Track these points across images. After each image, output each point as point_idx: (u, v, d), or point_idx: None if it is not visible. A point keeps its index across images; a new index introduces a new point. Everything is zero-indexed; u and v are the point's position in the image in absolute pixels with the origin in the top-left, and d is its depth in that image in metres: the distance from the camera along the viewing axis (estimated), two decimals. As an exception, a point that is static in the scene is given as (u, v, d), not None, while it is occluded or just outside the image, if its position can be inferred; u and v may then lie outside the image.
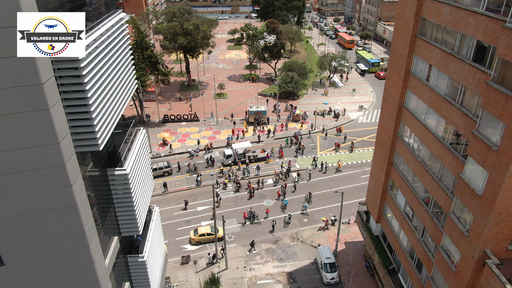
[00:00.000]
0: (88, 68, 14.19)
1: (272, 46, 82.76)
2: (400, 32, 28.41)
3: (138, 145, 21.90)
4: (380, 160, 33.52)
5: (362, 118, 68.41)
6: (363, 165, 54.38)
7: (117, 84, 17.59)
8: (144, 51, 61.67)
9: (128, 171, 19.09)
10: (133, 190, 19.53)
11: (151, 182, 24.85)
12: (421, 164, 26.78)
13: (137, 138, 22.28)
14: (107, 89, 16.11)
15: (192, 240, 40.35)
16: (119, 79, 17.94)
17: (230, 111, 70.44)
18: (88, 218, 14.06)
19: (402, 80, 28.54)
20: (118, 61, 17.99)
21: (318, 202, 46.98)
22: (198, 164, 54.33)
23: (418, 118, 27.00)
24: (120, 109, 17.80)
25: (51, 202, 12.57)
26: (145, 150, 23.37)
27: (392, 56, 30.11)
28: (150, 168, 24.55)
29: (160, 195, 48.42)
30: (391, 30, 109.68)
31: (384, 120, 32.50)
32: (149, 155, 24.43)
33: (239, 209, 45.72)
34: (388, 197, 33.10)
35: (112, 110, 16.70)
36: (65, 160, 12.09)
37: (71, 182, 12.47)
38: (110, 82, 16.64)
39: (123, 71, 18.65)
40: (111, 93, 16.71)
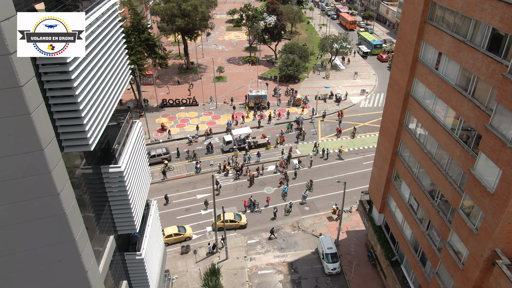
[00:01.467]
0: (76, 63, 13.08)
1: (272, 28, 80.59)
2: (408, 17, 26.99)
3: (134, 138, 20.91)
4: (384, 149, 32.59)
5: (364, 103, 67.12)
6: (365, 151, 53.51)
7: (109, 77, 16.45)
8: (141, 33, 59.83)
9: (123, 169, 18.17)
10: (128, 188, 18.65)
11: (148, 176, 24.00)
12: (428, 156, 25.86)
13: (132, 131, 21.28)
14: (97, 84, 15.00)
15: None
16: (111, 71, 16.77)
17: (230, 95, 69.06)
18: (79, 226, 13.19)
19: (409, 68, 27.30)
20: (110, 52, 16.79)
21: (319, 190, 46.31)
22: (198, 150, 53.42)
23: (426, 108, 25.91)
24: (112, 104, 16.71)
25: (38, 212, 11.67)
26: (141, 143, 22.41)
27: (399, 42, 28.74)
28: (147, 162, 23.66)
29: (159, 183, 47.69)
30: (394, 10, 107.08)
31: (389, 108, 31.40)
32: (145, 148, 23.41)
33: (239, 197, 45.08)
34: (392, 188, 32.33)
35: (104, 107, 15.62)
36: (50, 167, 11.12)
37: (58, 190, 11.53)
38: (101, 76, 15.51)
39: (115, 62, 17.46)
40: (103, 88, 15.59)
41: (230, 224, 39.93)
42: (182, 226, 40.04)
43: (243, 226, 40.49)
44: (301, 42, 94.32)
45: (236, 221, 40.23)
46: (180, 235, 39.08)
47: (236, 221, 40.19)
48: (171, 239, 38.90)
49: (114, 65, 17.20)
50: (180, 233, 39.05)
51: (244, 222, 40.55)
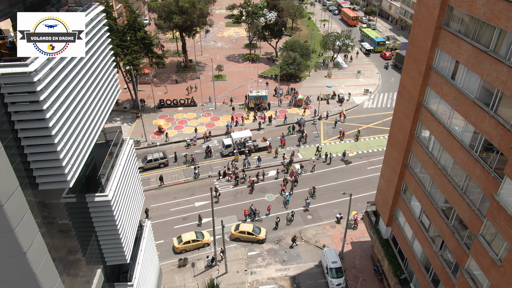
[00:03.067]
0: (50, 89, 11.23)
1: (273, 24, 78.26)
2: (422, 21, 25.01)
3: (124, 159, 19.07)
4: (393, 160, 30.77)
5: (368, 103, 65.18)
6: (370, 155, 51.70)
7: (92, 98, 14.57)
8: (137, 32, 57.66)
9: (111, 197, 16.37)
10: (117, 217, 16.88)
11: (141, 196, 22.21)
12: (442, 172, 24.06)
13: (122, 151, 19.39)
14: (78, 109, 13.14)
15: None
16: (95, 91, 14.90)
17: (229, 95, 67.08)
18: (53, 283, 11.39)
19: (422, 76, 25.39)
20: (93, 69, 14.89)
21: (322, 197, 44.57)
22: (196, 154, 51.59)
23: (440, 121, 24.05)
24: (97, 129, 14.84)
25: (2, 272, 9.87)
26: (133, 163, 20.55)
27: (411, 47, 26.78)
28: (139, 181, 21.83)
29: (156, 189, 45.93)
30: (397, 5, 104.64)
31: (398, 117, 29.52)
32: (137, 167, 21.54)
33: (239, 205, 43.35)
34: (400, 201, 30.57)
35: (86, 134, 13.76)
36: (13, 225, 9.31)
37: (24, 249, 9.74)
38: (82, 99, 13.65)
39: (100, 80, 15.58)
40: (84, 112, 13.73)
41: (247, 236, 38.11)
42: (200, 232, 38.64)
43: (260, 240, 38.24)
44: (302, 38, 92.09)
45: (254, 234, 38.13)
46: (198, 242, 37.75)
47: (254, 234, 38.11)
48: (189, 245, 37.60)
49: (98, 84, 15.32)
50: (198, 239, 37.75)
51: (263, 236, 38.32)
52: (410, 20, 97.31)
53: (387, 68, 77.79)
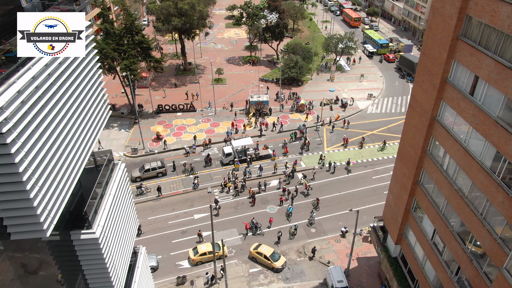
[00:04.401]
0: (19, 129, 9.55)
1: (274, 26, 76.45)
2: (436, 31, 23.32)
3: (115, 187, 17.39)
4: (402, 176, 29.11)
5: (372, 108, 63.47)
6: (374, 164, 50.03)
7: (72, 134, 12.88)
8: (135, 36, 55.93)
9: (99, 234, 14.71)
10: (106, 255, 15.22)
11: (134, 221, 20.56)
12: (458, 194, 22.40)
13: (112, 179, 17.69)
14: (54, 147, 11.47)
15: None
16: (76, 125, 13.20)
17: (229, 100, 65.40)
18: None
19: (436, 90, 23.71)
20: (75, 98, 13.21)
21: (326, 209, 42.93)
22: (195, 163, 49.92)
23: (457, 138, 22.38)
24: (79, 165, 13.16)
25: None
26: (125, 190, 18.86)
27: (424, 58, 25.09)
28: (132, 209, 20.16)
29: (153, 200, 44.27)
30: (400, 6, 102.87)
31: (409, 131, 27.85)
32: (130, 193, 19.83)
33: (240, 217, 41.71)
34: (411, 219, 28.93)
35: (66, 174, 12.09)
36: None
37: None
38: (60, 135, 11.96)
39: (84, 110, 13.89)
40: (63, 150, 12.05)
41: (263, 260, 35.91)
42: (216, 243, 36.57)
43: (276, 269, 35.55)
44: (304, 40, 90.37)
45: (271, 260, 35.53)
46: (269, 261, 35.80)
47: (271, 261, 35.54)
48: (205, 257, 36.06)
49: (81, 114, 13.63)
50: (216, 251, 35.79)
51: (280, 265, 35.53)
52: (414, 21, 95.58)
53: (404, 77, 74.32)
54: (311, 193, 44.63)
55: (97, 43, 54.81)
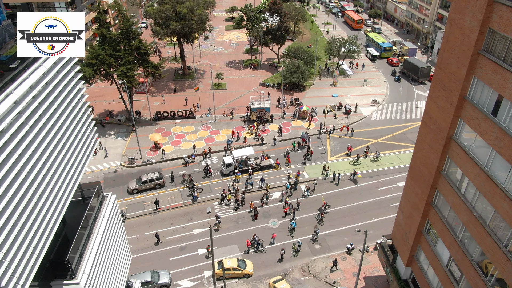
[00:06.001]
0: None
1: (275, 30, 74.62)
2: (454, 44, 21.58)
3: (104, 225, 15.62)
4: (414, 196, 27.37)
5: (376, 115, 61.72)
6: (380, 174, 48.27)
7: (47, 181, 11.13)
8: (132, 41, 54.12)
9: (83, 284, 12.97)
10: (92, 305, 13.48)
11: (128, 257, 18.79)
12: (478, 221, 20.66)
13: (101, 216, 15.93)
14: (24, 201, 9.72)
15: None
16: (52, 169, 11.46)
17: (230, 105, 63.71)
18: None
19: (453, 107, 21.98)
20: (52, 137, 11.47)
21: (330, 223, 41.20)
22: (194, 173, 48.16)
23: (477, 161, 20.64)
24: (56, 218, 11.41)
25: None
26: (116, 224, 17.09)
27: (439, 73, 23.35)
28: (124, 244, 18.38)
29: (151, 214, 42.51)
30: (403, 8, 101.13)
31: (422, 149, 26.11)
32: (122, 227, 18.07)
33: (241, 232, 39.98)
34: (423, 242, 27.20)
35: (38, 232, 10.33)
36: None
37: None
38: (31, 186, 10.22)
39: (63, 149, 12.13)
40: (35, 203, 10.31)
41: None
42: (242, 260, 35.72)
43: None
44: (305, 43, 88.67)
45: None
46: (239, 271, 34.70)
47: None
48: (229, 273, 34.52)
49: (59, 155, 11.87)
50: (239, 268, 34.69)
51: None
52: (417, 24, 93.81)
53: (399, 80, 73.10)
54: (304, 202, 42.99)
55: (93, 48, 53.12)
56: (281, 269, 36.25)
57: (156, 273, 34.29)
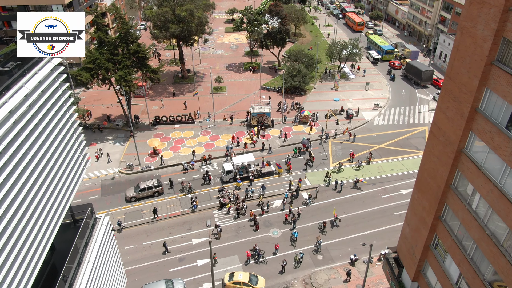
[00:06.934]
0: None
1: (275, 32, 73.61)
2: (465, 54, 20.59)
3: (96, 249, 14.60)
4: (422, 209, 26.37)
5: (378, 119, 60.72)
6: (383, 181, 47.26)
7: (33, 210, 10.16)
8: (130, 45, 53.11)
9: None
10: None
11: (123, 281, 17.77)
12: (491, 240, 19.67)
13: (93, 240, 14.90)
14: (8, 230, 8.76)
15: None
16: (37, 197, 10.48)
17: (229, 110, 62.74)
18: None
19: (464, 119, 20.98)
20: (37, 163, 10.48)
21: (333, 232, 40.22)
22: (194, 180, 47.16)
23: (490, 177, 19.64)
24: (42, 250, 10.42)
25: None
26: (109, 249, 16.06)
27: (449, 83, 22.35)
28: (119, 267, 17.37)
29: (149, 223, 41.50)
30: (404, 10, 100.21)
31: (430, 161, 25.11)
32: (116, 251, 17.05)
33: (242, 242, 38.97)
34: (431, 257, 26.19)
35: (24, 263, 9.35)
36: None
37: None
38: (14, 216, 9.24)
39: (49, 174, 11.15)
40: (20, 234, 9.33)
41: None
42: (255, 275, 34.50)
43: None
44: (306, 46, 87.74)
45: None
46: (249, 286, 33.41)
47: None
48: (238, 287, 33.41)
49: (46, 180, 10.89)
50: (250, 284, 33.47)
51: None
52: (419, 26, 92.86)
53: (394, 79, 73.11)
54: (306, 211, 42.07)
55: (90, 52, 52.14)
56: (282, 281, 35.26)
57: (170, 281, 33.33)
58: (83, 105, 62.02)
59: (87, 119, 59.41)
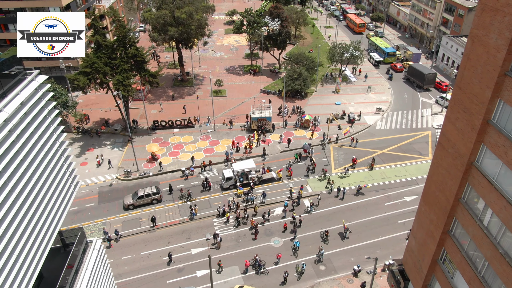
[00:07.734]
0: None
1: (276, 35, 72.63)
2: (477, 64, 19.65)
3: (87, 278, 13.63)
4: (429, 223, 25.42)
5: (381, 123, 59.75)
6: (386, 188, 46.30)
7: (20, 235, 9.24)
8: (128, 48, 52.13)
9: None
10: None
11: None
12: (505, 259, 18.72)
13: (84, 266, 13.93)
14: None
15: None
16: (25, 221, 9.55)
17: (229, 114, 61.81)
18: None
19: (475, 132, 20.04)
20: (24, 184, 9.53)
21: (336, 241, 39.26)
22: (193, 187, 46.20)
23: (503, 193, 18.69)
24: (32, 271, 9.49)
25: None
26: (102, 275, 15.09)
27: (459, 93, 21.41)
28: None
29: (147, 232, 40.53)
30: (406, 12, 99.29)
31: (438, 174, 24.16)
32: (110, 275, 16.09)
33: (242, 252, 38.02)
34: (438, 271, 25.24)
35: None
36: None
37: None
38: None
39: (37, 196, 10.20)
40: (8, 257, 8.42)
41: None
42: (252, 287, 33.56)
43: None
44: (306, 48, 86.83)
45: None
46: None
47: None
48: None
49: (33, 200, 9.95)
50: None
51: None
52: (421, 28, 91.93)
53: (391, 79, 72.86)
54: (308, 219, 41.16)
55: (88, 56, 51.19)
56: (284, 293, 34.33)
57: None
58: (81, 109, 61.07)
59: (85, 123, 58.47)
